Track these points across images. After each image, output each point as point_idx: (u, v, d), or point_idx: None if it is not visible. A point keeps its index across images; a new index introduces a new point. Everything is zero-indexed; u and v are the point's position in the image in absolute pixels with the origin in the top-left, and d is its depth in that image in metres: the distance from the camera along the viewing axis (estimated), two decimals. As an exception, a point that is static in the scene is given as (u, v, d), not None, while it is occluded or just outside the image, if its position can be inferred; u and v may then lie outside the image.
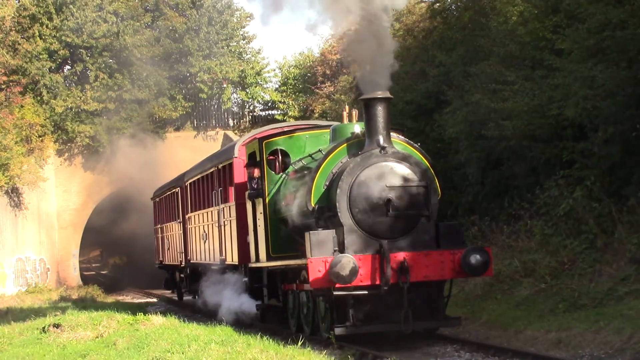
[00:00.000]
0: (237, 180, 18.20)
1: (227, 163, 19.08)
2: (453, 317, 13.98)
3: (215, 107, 41.58)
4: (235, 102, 42.17)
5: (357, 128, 14.30)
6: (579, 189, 16.71)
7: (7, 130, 33.88)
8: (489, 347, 12.67)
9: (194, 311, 23.38)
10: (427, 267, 13.14)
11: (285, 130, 17.01)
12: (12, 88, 35.72)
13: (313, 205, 13.79)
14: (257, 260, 16.50)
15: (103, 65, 39.00)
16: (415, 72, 24.10)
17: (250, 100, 41.86)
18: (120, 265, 56.54)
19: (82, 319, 18.74)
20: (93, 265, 62.84)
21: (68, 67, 40.46)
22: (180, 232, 25.62)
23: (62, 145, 39.12)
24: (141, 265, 43.46)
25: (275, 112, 40.61)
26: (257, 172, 16.24)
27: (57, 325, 18.23)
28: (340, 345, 13.26)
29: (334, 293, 13.14)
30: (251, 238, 16.91)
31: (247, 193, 16.77)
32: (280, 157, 16.01)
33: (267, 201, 15.88)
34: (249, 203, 16.89)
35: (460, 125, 20.21)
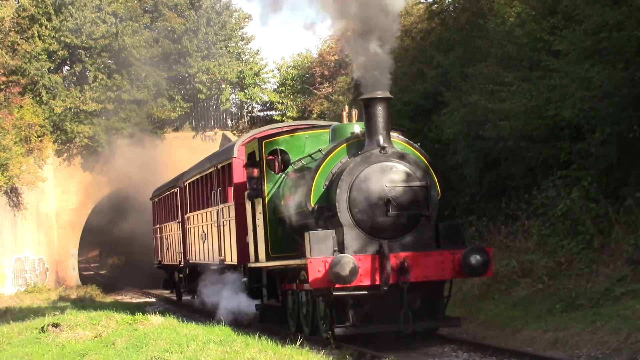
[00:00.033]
0: (237, 180, 18.15)
1: (227, 163, 19.03)
2: (453, 317, 13.94)
3: (214, 107, 41.59)
4: (233, 103, 42.22)
5: (356, 128, 14.26)
6: (576, 190, 16.75)
7: (6, 130, 33.85)
8: (487, 347, 12.68)
9: (193, 311, 23.39)
10: (427, 267, 13.09)
11: (285, 130, 16.95)
12: (11, 88, 35.70)
13: (313, 205, 13.75)
14: (257, 260, 16.47)
15: (102, 65, 39.00)
16: (413, 73, 24.09)
17: (248, 100, 41.89)
18: (119, 265, 56.50)
19: (81, 318, 18.70)
20: (92, 265, 62.79)
21: (67, 67, 40.48)
22: (179, 232, 25.59)
23: (61, 146, 39.11)
24: (140, 265, 43.47)
25: (274, 112, 40.60)
26: (256, 172, 16.18)
27: (56, 325, 18.17)
28: (338, 345, 13.25)
29: (334, 293, 13.12)
30: (250, 238, 16.89)
31: (246, 193, 16.71)
32: (279, 157, 15.94)
33: (267, 201, 15.85)
34: (248, 203, 16.85)
35: (458, 126, 20.24)
